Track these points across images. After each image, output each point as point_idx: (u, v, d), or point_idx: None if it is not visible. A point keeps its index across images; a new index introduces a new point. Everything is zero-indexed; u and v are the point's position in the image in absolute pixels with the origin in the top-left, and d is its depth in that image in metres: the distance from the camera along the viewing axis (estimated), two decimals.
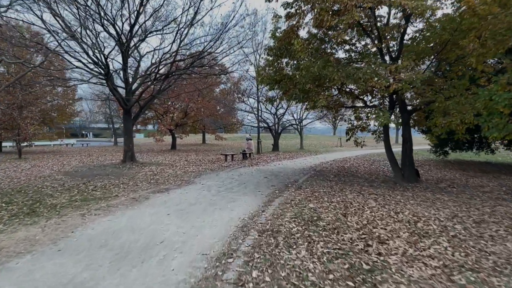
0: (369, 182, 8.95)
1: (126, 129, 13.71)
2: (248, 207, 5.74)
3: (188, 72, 14.41)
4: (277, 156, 17.95)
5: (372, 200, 6.43)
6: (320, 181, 8.97)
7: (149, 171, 11.23)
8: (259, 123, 19.78)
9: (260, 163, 14.03)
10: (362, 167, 12.62)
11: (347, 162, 14.61)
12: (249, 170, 11.38)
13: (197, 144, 37.05)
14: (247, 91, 20.07)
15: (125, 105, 13.37)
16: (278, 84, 9.01)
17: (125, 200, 6.15)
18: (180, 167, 12.24)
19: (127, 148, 13.69)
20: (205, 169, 11.54)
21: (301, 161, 15.02)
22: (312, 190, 7.42)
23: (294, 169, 11.94)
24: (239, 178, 9.46)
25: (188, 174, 10.32)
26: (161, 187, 7.78)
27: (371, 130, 11.58)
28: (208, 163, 13.99)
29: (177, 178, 9.29)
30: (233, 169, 11.66)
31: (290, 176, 10.03)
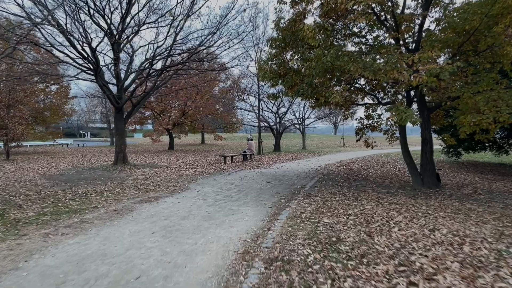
0: (385, 187, 8.00)
1: (118, 128, 12.76)
2: (250, 222, 4.79)
3: (185, 68, 13.46)
4: (279, 157, 17.01)
5: (395, 211, 5.49)
6: (330, 186, 8.02)
7: (141, 174, 10.28)
8: (260, 122, 18.84)
9: (262, 165, 13.09)
10: (372, 169, 11.68)
11: (354, 164, 13.67)
12: (250, 174, 10.43)
13: (196, 144, 36.11)
14: (248, 89, 19.12)
15: (116, 103, 12.42)
16: (283, 78, 8.06)
17: (104, 213, 5.20)
18: (175, 170, 11.29)
19: (118, 149, 12.75)
20: (202, 173, 10.59)
21: (305, 163, 14.07)
22: (323, 198, 6.47)
23: (299, 172, 11.00)
24: (239, 183, 8.52)
25: (183, 178, 9.37)
26: (151, 195, 6.82)
27: (382, 130, 10.68)
28: (206, 165, 13.04)
29: (170, 184, 8.34)
30: (233, 172, 10.71)
31: (295, 180, 9.09)
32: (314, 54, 6.03)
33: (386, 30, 8.48)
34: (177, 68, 13.27)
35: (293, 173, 10.77)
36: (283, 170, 11.48)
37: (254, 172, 10.84)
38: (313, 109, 10.97)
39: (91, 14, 10.19)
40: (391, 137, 10.35)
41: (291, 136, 50.21)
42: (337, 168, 11.96)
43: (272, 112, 21.76)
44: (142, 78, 12.35)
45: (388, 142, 10.53)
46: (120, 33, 11.69)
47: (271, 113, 21.78)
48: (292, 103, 21.36)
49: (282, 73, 8.35)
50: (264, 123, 20.58)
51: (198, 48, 12.07)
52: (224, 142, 35.80)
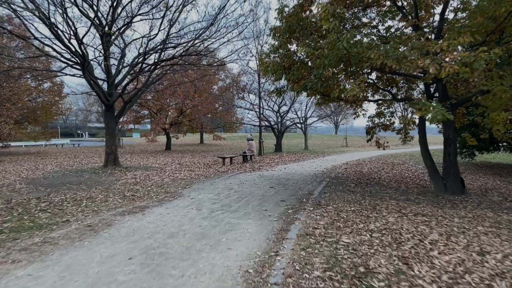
0: (402, 194, 7.11)
1: (108, 128, 11.86)
2: (253, 241, 3.90)
3: (181, 63, 12.56)
4: (281, 158, 16.12)
5: (424, 225, 4.60)
6: (341, 193, 7.13)
7: (131, 178, 9.39)
8: (260, 121, 17.94)
9: (263, 167, 12.19)
10: (383, 172, 10.78)
11: (363, 165, 12.77)
12: (251, 177, 9.54)
13: (194, 144, 35.22)
14: (248, 86, 18.22)
15: (106, 100, 11.51)
16: (288, 71, 7.17)
17: (75, 230, 4.30)
18: (170, 173, 10.39)
19: (109, 150, 11.84)
20: (199, 176, 9.69)
21: (310, 165, 13.18)
22: (336, 208, 5.58)
23: (304, 175, 10.10)
24: (239, 188, 7.61)
25: (176, 182, 8.47)
26: (137, 204, 5.92)
27: (395, 129, 9.81)
28: (203, 167, 12.14)
29: (162, 189, 7.44)
30: (232, 176, 9.82)
31: (301, 185, 8.19)
32: (327, 40, 5.12)
33: (403, 17, 7.59)
34: (173, 63, 12.37)
35: (297, 176, 9.88)
36: (287, 173, 10.58)
37: (255, 175, 9.95)
38: (319, 106, 10.10)
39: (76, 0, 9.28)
40: (404, 137, 9.48)
41: (291, 136, 49.35)
42: (345, 171, 11.06)
43: (273, 111, 20.88)
44: (134, 73, 11.43)
45: (402, 142, 9.66)
46: (110, 24, 10.78)
47: (272, 111, 20.91)
48: (294, 101, 20.47)
49: (287, 66, 7.47)
50: (265, 122, 19.69)
51: (194, 41, 11.16)
52: (223, 142, 34.90)
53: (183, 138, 42.26)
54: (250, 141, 14.62)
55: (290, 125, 22.05)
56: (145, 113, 26.02)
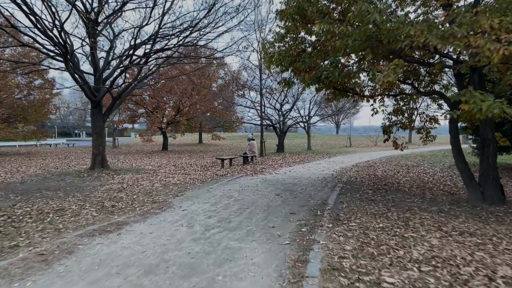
0: (432, 203, 6.03)
1: (95, 126, 10.77)
2: (260, 281, 2.82)
3: (176, 56, 11.47)
4: (284, 159, 15.04)
5: (481, 251, 3.53)
6: (360, 202, 6.05)
7: (118, 183, 8.32)
8: (262, 120, 16.86)
9: (266, 169, 11.10)
10: (400, 176, 9.70)
11: (375, 168, 11.69)
12: (252, 182, 8.46)
13: (193, 144, 34.15)
14: (248, 83, 17.13)
15: (93, 96, 10.43)
16: (298, 58, 6.10)
17: (20, 261, 3.21)
18: (162, 177, 9.31)
19: (96, 151, 10.75)
20: (194, 180, 8.60)
21: (316, 167, 12.10)
22: (361, 225, 4.50)
23: (312, 179, 9.02)
24: (240, 196, 6.53)
25: (168, 189, 7.39)
26: (114, 219, 4.84)
27: (415, 128, 8.75)
28: (200, 169, 11.05)
29: (149, 198, 6.37)
30: (232, 180, 8.73)
31: (311, 192, 7.11)
32: (352, 13, 4.04)
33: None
34: (167, 56, 11.28)
35: (305, 181, 8.80)
36: (293, 177, 9.50)
37: (257, 180, 8.87)
38: (329, 102, 8.99)
39: None
40: (426, 137, 8.42)
41: (292, 136, 48.28)
42: (357, 174, 9.98)
43: (275, 109, 19.79)
44: (123, 67, 10.34)
45: (423, 142, 8.60)
46: (97, 11, 9.71)
47: (273, 110, 19.81)
48: (297, 98, 19.39)
49: (295, 54, 6.41)
50: (266, 121, 18.61)
51: (191, 30, 10.07)
52: (223, 142, 33.82)
53: (181, 137, 41.18)
54: (251, 141, 13.56)
55: (292, 124, 20.96)
56: (142, 111, 24.94)
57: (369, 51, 4.20)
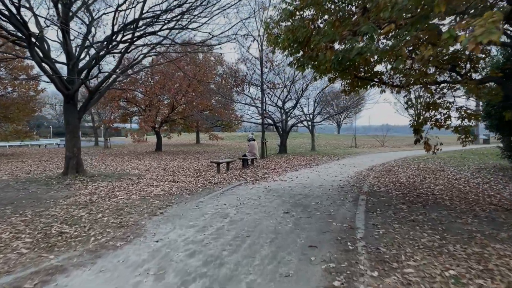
0: (494, 225, 4.46)
1: (69, 124, 9.18)
2: None
3: (165, 43, 9.88)
4: (288, 161, 13.46)
5: None
6: (399, 224, 4.49)
7: (88, 194, 6.75)
8: (263, 118, 15.28)
9: (269, 174, 9.53)
10: (430, 183, 8.14)
11: (395, 173, 10.12)
12: (254, 192, 6.88)
13: (190, 144, 32.57)
14: (248, 77, 15.51)
15: (65, 88, 8.86)
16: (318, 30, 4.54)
17: None
18: (145, 185, 7.73)
19: (70, 153, 9.17)
20: (182, 191, 7.02)
21: (327, 171, 10.52)
22: (421, 271, 2.94)
23: (326, 188, 7.45)
24: (238, 216, 4.95)
25: (146, 203, 5.82)
26: (48, 260, 3.26)
27: (451, 127, 7.20)
28: (193, 175, 9.48)
29: (118, 218, 4.80)
30: (228, 190, 7.15)
31: (329, 207, 5.54)
32: None
33: None
34: (155, 44, 9.70)
35: (318, 190, 7.23)
36: (302, 185, 7.93)
37: (259, 189, 7.30)
38: (347, 94, 7.42)
39: None
40: (465, 137, 6.90)
41: (293, 135, 46.61)
42: (378, 181, 8.41)
43: (276, 107, 18.19)
44: (101, 51, 8.72)
45: (462, 144, 7.07)
46: None
47: (275, 107, 18.22)
48: (301, 95, 17.78)
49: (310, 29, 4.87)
50: (267, 120, 17.02)
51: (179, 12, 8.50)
52: (221, 142, 32.23)
53: (178, 137, 39.60)
54: (251, 141, 12.00)
55: (296, 123, 19.36)
56: (135, 110, 23.32)
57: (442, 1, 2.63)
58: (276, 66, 15.16)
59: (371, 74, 6.27)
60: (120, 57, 9.15)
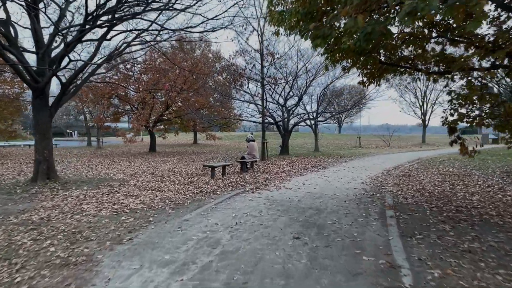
0: None
1: (39, 123, 7.90)
2: None
3: (153, 29, 8.61)
4: (291, 164, 12.20)
5: None
6: (454, 258, 3.23)
7: (51, 207, 5.50)
8: (263, 116, 14.01)
9: (271, 180, 8.27)
10: (463, 192, 6.88)
11: (416, 178, 8.85)
12: (253, 205, 5.61)
13: (187, 144, 31.29)
14: (247, 71, 14.21)
15: (34, 81, 7.59)
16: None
17: None
18: (123, 195, 6.46)
19: (40, 157, 7.90)
20: (165, 203, 5.74)
21: (336, 176, 9.26)
22: None
23: (340, 199, 6.18)
24: (232, 244, 3.67)
25: (115, 223, 4.54)
26: None
27: (491, 124, 5.98)
28: (183, 181, 8.21)
29: (67, 249, 3.53)
30: (223, 202, 5.88)
31: (351, 228, 4.28)
32: None
33: None
34: (138, 30, 8.42)
35: (331, 201, 5.97)
36: (311, 194, 6.67)
37: (260, 200, 6.03)
38: (366, 86, 6.12)
39: None
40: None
41: (292, 135, 45.29)
42: (400, 189, 7.14)
43: (278, 105, 16.91)
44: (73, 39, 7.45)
45: (507, 145, 5.86)
46: None
47: (276, 105, 16.93)
48: (306, 89, 16.48)
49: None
50: (268, 119, 15.74)
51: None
52: (219, 142, 30.95)
53: (175, 137, 38.33)
54: (251, 142, 10.73)
55: (299, 122, 18.07)
56: (128, 109, 22.04)
57: None
58: (277, 60, 13.88)
59: (398, 59, 5.01)
60: (97, 45, 7.86)
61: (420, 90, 30.66)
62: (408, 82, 30.90)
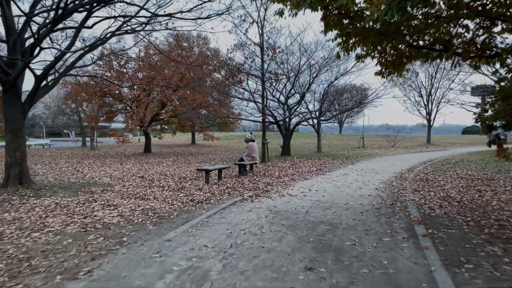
0: None
1: (9, 121, 6.98)
2: None
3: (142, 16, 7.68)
4: (294, 166, 11.28)
5: None
6: None
7: (11, 220, 4.61)
8: (264, 115, 13.09)
9: (273, 186, 7.34)
10: (493, 198, 5.96)
11: (435, 182, 7.93)
12: (253, 218, 4.67)
13: (184, 145, 30.36)
14: (247, 66, 13.27)
15: (4, 73, 6.67)
16: None
17: None
18: (101, 204, 5.53)
19: (11, 159, 6.97)
20: (148, 216, 4.81)
21: (345, 180, 8.34)
22: None
23: (355, 209, 5.26)
24: (223, 281, 2.75)
25: (80, 244, 3.61)
26: None
27: None
28: (173, 187, 7.28)
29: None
30: (215, 214, 4.95)
31: (377, 252, 3.35)
32: None
33: None
34: (124, 16, 7.49)
35: (346, 213, 5.05)
36: (321, 204, 5.75)
37: (261, 212, 5.10)
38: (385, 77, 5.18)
39: None
40: None
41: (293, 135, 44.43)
42: (420, 196, 6.22)
43: (279, 103, 15.99)
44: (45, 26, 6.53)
45: None
46: None
47: (277, 103, 16.01)
48: (309, 86, 15.55)
49: None
50: (268, 118, 14.83)
51: None
52: (218, 143, 30.06)
53: (173, 138, 37.42)
54: (250, 142, 9.82)
55: (301, 121, 17.13)
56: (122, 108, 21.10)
57: None
58: (279, 54, 12.95)
59: (433, 41, 4.09)
60: (75, 32, 6.94)
61: (425, 88, 29.74)
62: (413, 80, 30.00)
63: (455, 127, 77.87)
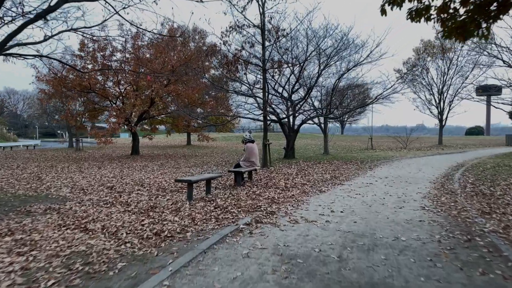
0: None
1: None
2: None
3: None
4: (302, 172, 9.29)
5: None
6: None
7: None
8: (265, 111, 11.12)
9: (279, 204, 5.36)
10: None
11: (498, 198, 5.95)
12: (250, 276, 2.68)
13: (179, 146, 28.34)
14: (245, 54, 11.27)
15: None
16: None
17: None
18: (14, 244, 3.54)
19: None
20: (75, 265, 2.79)
21: (372, 193, 6.36)
22: None
23: (413, 249, 3.28)
24: None
25: None
26: None
27: None
28: (144, 205, 5.28)
29: None
30: (188, 266, 2.96)
31: None
32: None
33: None
34: None
35: (401, 259, 3.08)
36: (355, 238, 3.78)
37: (265, 258, 3.12)
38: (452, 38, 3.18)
39: None
40: None
41: None
42: (499, 223, 4.25)
43: (282, 98, 14.00)
44: None
45: None
46: None
47: (280, 98, 14.02)
48: (317, 79, 13.55)
49: None
50: (270, 116, 12.86)
51: None
52: (215, 144, 28.07)
53: (167, 138, 35.44)
54: (249, 143, 7.82)
55: (307, 119, 15.11)
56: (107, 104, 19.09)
57: None
58: (283, 37, 10.93)
59: None
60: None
61: (437, 85, 27.77)
62: (423, 77, 28.07)
63: (456, 128, 76.54)
